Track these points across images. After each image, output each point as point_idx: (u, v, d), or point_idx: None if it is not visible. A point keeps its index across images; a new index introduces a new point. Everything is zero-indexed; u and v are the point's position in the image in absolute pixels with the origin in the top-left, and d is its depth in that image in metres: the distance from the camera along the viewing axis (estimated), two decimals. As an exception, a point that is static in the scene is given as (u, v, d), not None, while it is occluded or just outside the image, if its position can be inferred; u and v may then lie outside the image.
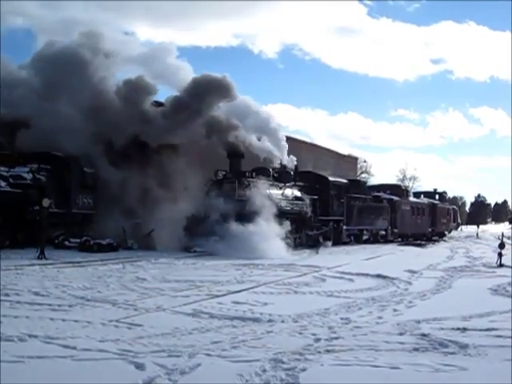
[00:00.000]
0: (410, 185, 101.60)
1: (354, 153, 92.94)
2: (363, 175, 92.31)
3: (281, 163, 35.49)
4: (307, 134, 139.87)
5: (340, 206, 38.66)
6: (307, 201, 34.55)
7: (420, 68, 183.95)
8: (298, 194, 34.42)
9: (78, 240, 27.37)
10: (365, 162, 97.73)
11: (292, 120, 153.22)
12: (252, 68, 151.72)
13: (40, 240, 23.20)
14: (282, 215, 30.25)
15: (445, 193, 64.40)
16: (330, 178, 38.76)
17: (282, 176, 34.40)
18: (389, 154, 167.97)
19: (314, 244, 34.61)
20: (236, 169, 31.55)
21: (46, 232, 24.39)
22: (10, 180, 27.65)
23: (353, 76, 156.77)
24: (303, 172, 37.19)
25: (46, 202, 24.55)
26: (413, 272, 20.14)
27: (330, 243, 35.55)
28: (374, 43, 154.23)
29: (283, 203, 31.94)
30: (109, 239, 27.33)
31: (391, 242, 45.12)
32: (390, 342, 9.33)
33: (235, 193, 29.34)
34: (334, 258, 27.43)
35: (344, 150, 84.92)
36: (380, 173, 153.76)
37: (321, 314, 11.80)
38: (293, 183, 34.73)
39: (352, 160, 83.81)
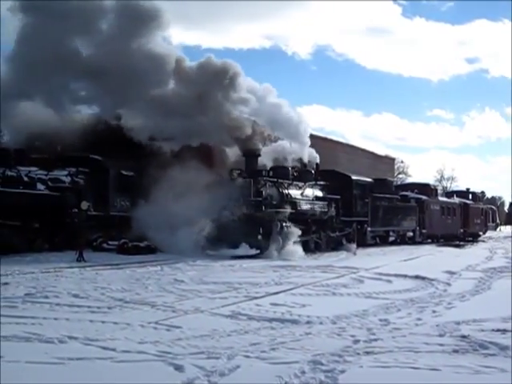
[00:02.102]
0: (448, 185, 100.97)
1: (391, 154, 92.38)
2: (400, 176, 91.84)
3: (301, 162, 34.38)
4: (342, 135, 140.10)
5: (364, 207, 37.35)
6: (329, 201, 33.41)
7: (455, 67, 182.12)
8: (320, 193, 33.15)
9: (116, 242, 27.51)
10: (402, 162, 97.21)
11: (327, 121, 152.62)
12: (286, 70, 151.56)
13: (79, 242, 23.41)
14: (301, 216, 29.60)
15: (482, 193, 63.35)
16: (353, 177, 37.33)
17: (302, 175, 33.09)
18: (425, 154, 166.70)
19: (335, 246, 33.47)
20: (252, 168, 29.85)
21: (85, 234, 24.59)
22: (49, 183, 27.93)
23: (387, 76, 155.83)
24: (325, 171, 35.55)
25: (84, 205, 24.77)
26: (452, 273, 19.99)
27: (354, 245, 33.91)
28: (407, 43, 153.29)
29: (303, 204, 30.92)
30: (147, 241, 27.40)
31: (420, 243, 44.09)
32: (429, 344, 9.27)
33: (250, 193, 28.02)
34: (372, 259, 27.32)
35: (380, 150, 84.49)
36: (417, 173, 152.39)
37: (359, 316, 11.75)
38: (314, 182, 33.37)
39: (389, 161, 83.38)
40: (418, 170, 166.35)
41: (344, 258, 28.29)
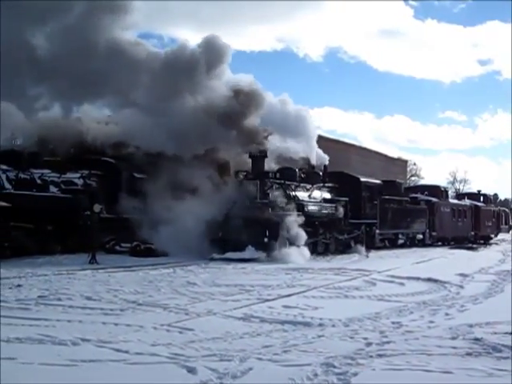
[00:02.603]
0: (461, 188, 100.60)
1: (403, 156, 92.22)
2: (413, 178, 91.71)
3: (309, 163, 33.81)
4: (355, 138, 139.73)
5: (373, 209, 36.60)
6: (337, 203, 32.71)
7: (467, 69, 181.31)
8: (328, 195, 32.79)
9: (129, 245, 27.54)
10: (414, 164, 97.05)
11: (339, 123, 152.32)
12: (297, 72, 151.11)
13: (91, 245, 23.47)
14: (308, 219, 28.99)
15: (495, 195, 62.79)
16: (362, 179, 36.78)
17: (309, 177, 32.67)
18: (437, 156, 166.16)
19: (344, 249, 32.79)
20: (258, 169, 29.06)
21: (97, 237, 24.64)
22: (62, 186, 27.98)
23: (399, 78, 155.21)
24: (333, 172, 35.08)
25: (96, 208, 24.80)
26: (464, 275, 19.94)
27: (363, 248, 33.36)
28: (419, 45, 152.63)
29: (310, 206, 30.40)
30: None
31: (429, 245, 43.54)
32: (442, 347, 9.26)
33: (256, 195, 27.68)
34: (384, 261, 27.29)
35: (392, 153, 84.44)
36: (430, 176, 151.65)
37: (372, 318, 11.75)
38: (321, 184, 32.95)
39: (402, 163, 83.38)
40: (430, 173, 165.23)
41: (356, 260, 28.26)
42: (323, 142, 38.32)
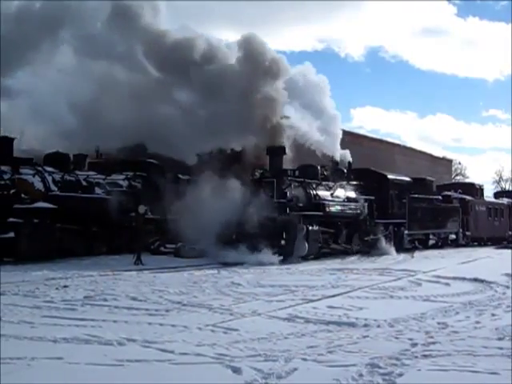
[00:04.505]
0: (507, 187, 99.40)
1: (448, 155, 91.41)
2: (458, 177, 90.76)
3: (332, 159, 33.04)
4: (398, 137, 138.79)
5: (401, 208, 35.24)
6: (362, 202, 31.45)
7: (510, 67, 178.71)
8: (352, 194, 31.36)
9: (174, 246, 27.63)
10: (459, 164, 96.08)
11: (382, 123, 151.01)
12: (339, 72, 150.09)
13: (136, 246, 23.62)
14: (330, 219, 28.37)
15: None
16: (389, 176, 35.21)
17: (332, 175, 31.63)
18: (482, 155, 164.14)
19: (369, 251, 31.29)
20: (276, 167, 27.94)
21: (142, 238, 24.78)
22: (107, 187, 28.21)
23: (441, 77, 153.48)
24: (358, 169, 33.83)
25: (141, 209, 24.97)
26: (511, 276, 19.72)
27: (392, 249, 31.94)
28: (462, 43, 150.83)
29: (332, 206, 29.15)
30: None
31: (463, 246, 42.08)
32: (488, 347, 9.18)
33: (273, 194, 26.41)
34: (429, 261, 27.10)
35: (437, 152, 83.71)
36: (475, 175, 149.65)
37: (417, 319, 11.68)
38: (345, 182, 31.65)
39: (447, 163, 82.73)
40: (475, 172, 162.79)
41: (401, 260, 28.10)
42: (367, 141, 38.00)
